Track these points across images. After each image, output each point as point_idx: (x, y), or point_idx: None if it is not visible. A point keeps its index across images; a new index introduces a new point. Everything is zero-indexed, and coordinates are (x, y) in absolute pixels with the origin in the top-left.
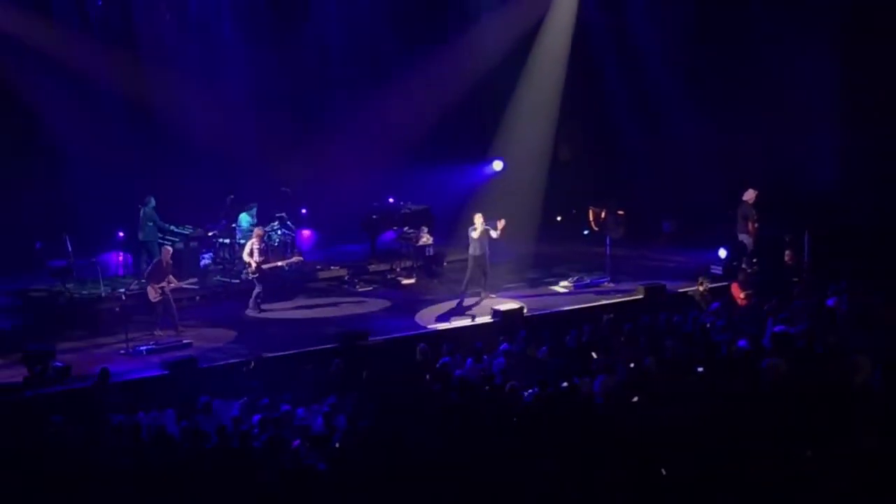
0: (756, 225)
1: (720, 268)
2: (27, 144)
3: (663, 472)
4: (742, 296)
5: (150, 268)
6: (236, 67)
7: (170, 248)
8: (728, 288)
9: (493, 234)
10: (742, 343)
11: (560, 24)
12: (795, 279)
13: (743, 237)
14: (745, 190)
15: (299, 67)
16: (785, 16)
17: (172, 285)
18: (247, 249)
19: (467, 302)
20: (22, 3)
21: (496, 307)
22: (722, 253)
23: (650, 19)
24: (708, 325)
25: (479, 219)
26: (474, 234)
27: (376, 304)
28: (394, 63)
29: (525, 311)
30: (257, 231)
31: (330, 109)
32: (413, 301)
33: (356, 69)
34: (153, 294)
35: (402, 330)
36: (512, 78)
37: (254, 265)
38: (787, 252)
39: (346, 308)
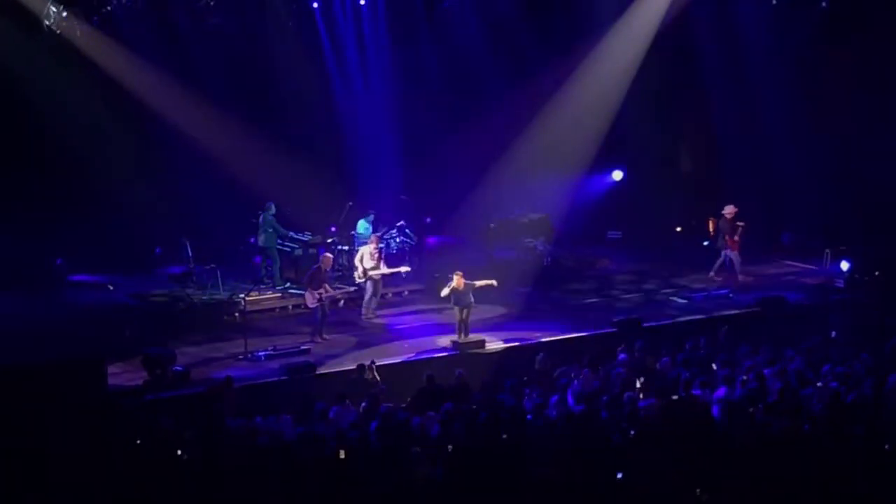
0: (737, 238)
1: (842, 280)
2: (149, 152)
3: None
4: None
5: (309, 273)
6: (359, 80)
7: (330, 256)
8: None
9: (479, 283)
10: (864, 355)
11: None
12: None
13: (726, 251)
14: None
15: (423, 82)
16: None
17: (329, 294)
18: (359, 255)
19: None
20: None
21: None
22: (844, 265)
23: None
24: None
25: (458, 278)
26: (444, 292)
27: (493, 311)
28: (516, 74)
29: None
30: (373, 238)
31: (448, 121)
32: (530, 309)
33: (474, 83)
34: (311, 299)
35: (515, 338)
36: (633, 87)
37: (361, 270)
38: None
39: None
